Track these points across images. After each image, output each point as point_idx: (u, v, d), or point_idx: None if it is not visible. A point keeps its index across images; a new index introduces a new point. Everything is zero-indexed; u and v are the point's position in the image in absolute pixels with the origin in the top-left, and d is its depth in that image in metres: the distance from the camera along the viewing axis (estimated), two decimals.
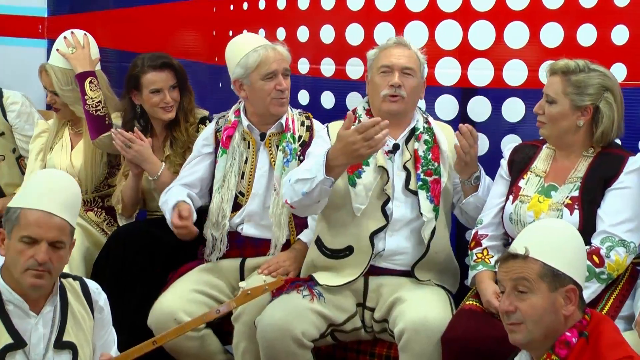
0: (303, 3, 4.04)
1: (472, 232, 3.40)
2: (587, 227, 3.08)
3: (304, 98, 4.08)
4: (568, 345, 2.52)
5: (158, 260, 3.79)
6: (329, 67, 4.01)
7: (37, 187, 2.80)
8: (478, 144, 3.39)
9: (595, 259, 3.02)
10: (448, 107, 3.74)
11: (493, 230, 3.33)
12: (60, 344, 2.75)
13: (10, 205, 2.76)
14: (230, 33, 4.33)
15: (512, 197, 3.26)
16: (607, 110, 3.12)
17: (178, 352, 3.59)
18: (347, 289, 3.41)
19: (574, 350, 2.51)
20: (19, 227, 2.68)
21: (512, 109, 3.62)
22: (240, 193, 3.74)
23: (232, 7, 4.40)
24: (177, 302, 3.55)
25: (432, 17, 3.70)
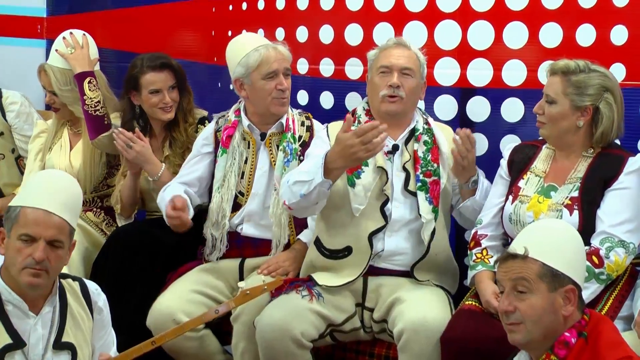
0: (302, 3, 4.03)
1: (471, 232, 3.40)
2: (586, 227, 3.08)
3: (303, 98, 4.08)
4: (567, 346, 2.52)
5: (157, 261, 3.79)
6: (328, 67, 4.01)
7: (38, 186, 2.80)
8: (476, 148, 3.38)
9: (595, 260, 3.02)
10: (447, 107, 3.74)
11: (492, 231, 3.32)
12: (59, 345, 2.75)
13: (11, 204, 2.76)
14: (230, 33, 4.33)
15: (511, 197, 3.26)
16: (607, 111, 3.12)
17: (177, 352, 3.59)
18: (346, 289, 3.41)
19: (573, 351, 2.51)
20: (18, 225, 2.68)
21: (511, 109, 3.62)
22: (240, 193, 3.74)
23: (231, 7, 4.39)
24: (176, 302, 3.55)
25: (431, 17, 3.70)
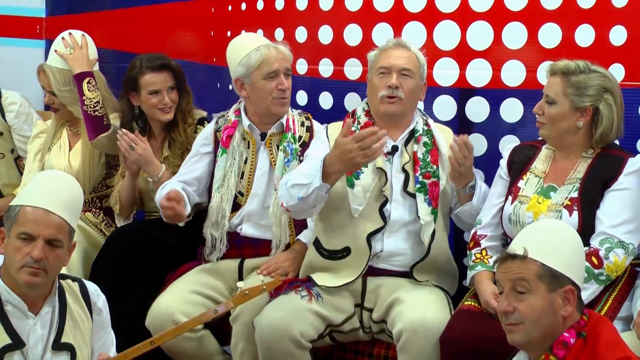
0: (301, 3, 4.03)
1: (470, 232, 3.39)
2: (586, 228, 3.08)
3: (302, 99, 4.08)
4: (566, 346, 2.52)
5: (157, 261, 3.78)
6: (327, 67, 4.00)
7: (38, 186, 2.81)
8: (474, 151, 3.37)
9: (594, 260, 3.02)
10: (446, 107, 3.73)
11: (492, 231, 3.32)
12: (59, 345, 2.75)
13: (12, 204, 2.77)
14: (229, 34, 4.33)
15: (511, 197, 3.26)
16: (606, 112, 3.12)
17: (176, 352, 3.58)
18: (345, 290, 3.41)
19: (572, 351, 2.51)
20: (17, 224, 2.69)
21: (510, 110, 3.62)
22: (240, 193, 3.74)
23: (230, 7, 4.39)
24: (175, 303, 3.55)
25: (430, 17, 3.70)
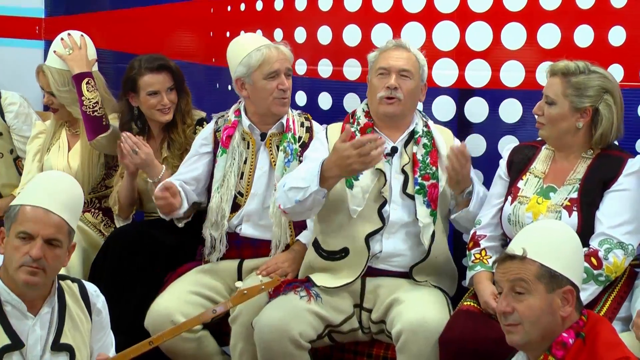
0: (300, 4, 4.03)
1: (470, 232, 3.39)
2: (585, 229, 3.08)
3: (302, 99, 4.08)
4: (565, 346, 2.52)
5: (156, 261, 3.79)
6: (326, 68, 4.00)
7: (39, 186, 2.81)
8: (470, 162, 3.35)
9: (594, 261, 3.02)
10: (445, 108, 3.73)
11: (491, 231, 3.32)
12: (58, 346, 2.74)
13: (12, 204, 2.77)
14: (228, 34, 4.33)
15: (510, 198, 3.26)
16: (606, 113, 3.12)
17: (175, 353, 3.58)
18: (344, 290, 3.41)
19: (571, 351, 2.51)
20: (17, 223, 2.69)
21: (509, 110, 3.62)
22: (239, 193, 3.73)
23: (229, 8, 4.39)
24: (174, 303, 3.54)
25: (429, 18, 3.70)
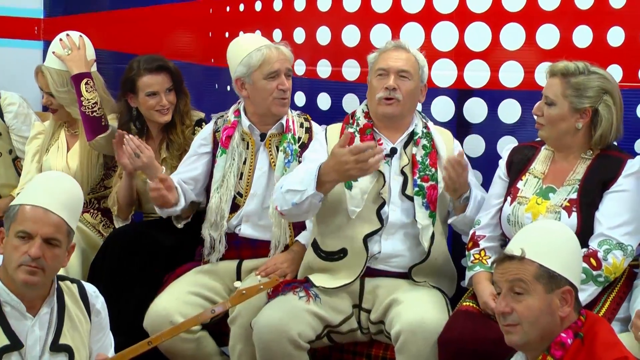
0: (299, 4, 4.03)
1: (469, 234, 3.39)
2: (585, 229, 3.07)
3: (300, 99, 4.08)
4: (563, 347, 2.52)
5: (155, 262, 3.79)
6: (325, 68, 4.00)
7: (39, 186, 2.82)
8: (468, 170, 3.34)
9: (593, 262, 3.02)
10: (444, 108, 3.74)
11: (491, 231, 3.32)
12: (57, 347, 2.74)
13: (12, 204, 2.77)
14: (227, 35, 4.33)
15: (510, 198, 3.25)
16: (606, 113, 3.12)
17: (174, 353, 3.58)
18: (343, 291, 3.41)
19: (569, 351, 2.51)
20: (16, 222, 2.69)
21: (508, 111, 3.62)
22: (239, 194, 3.73)
23: (228, 8, 4.39)
24: (173, 304, 3.54)
25: (428, 18, 3.70)
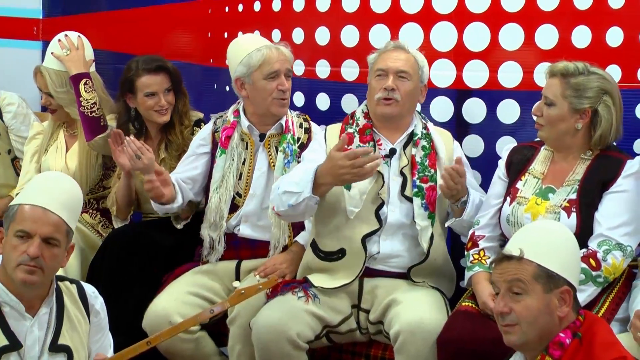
0: (298, 5, 4.03)
1: (468, 235, 3.39)
2: (584, 230, 3.07)
3: (299, 100, 4.08)
4: (562, 346, 2.52)
5: (154, 262, 3.79)
6: (324, 68, 4.00)
7: (38, 185, 2.82)
8: (466, 174, 3.32)
9: (592, 262, 3.02)
10: (443, 108, 3.74)
11: (490, 232, 3.32)
12: (56, 347, 2.74)
13: (11, 204, 2.77)
14: (226, 35, 4.33)
15: (509, 198, 3.25)
16: (605, 114, 3.11)
17: (173, 354, 3.58)
18: (342, 291, 3.41)
19: (568, 351, 2.51)
20: (15, 222, 2.69)
21: (507, 111, 3.62)
22: (238, 194, 3.73)
23: (227, 8, 4.39)
24: (172, 304, 3.54)
25: (427, 18, 3.70)
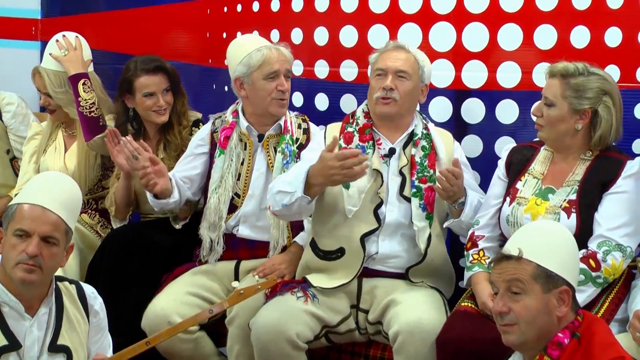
0: (297, 5, 4.03)
1: (466, 235, 3.39)
2: (584, 230, 3.07)
3: (298, 100, 4.08)
4: (560, 346, 2.52)
5: (153, 262, 3.79)
6: (323, 69, 4.00)
7: (37, 185, 2.83)
8: (463, 177, 3.31)
9: (592, 263, 3.02)
10: (442, 109, 3.74)
11: (490, 232, 3.31)
12: (55, 347, 2.74)
13: (11, 203, 2.77)
14: (224, 35, 4.33)
15: (509, 198, 3.25)
16: (605, 114, 3.11)
17: (172, 354, 3.58)
18: (340, 291, 3.41)
19: (566, 351, 2.51)
20: (14, 221, 2.69)
21: (506, 111, 3.62)
22: (236, 194, 3.73)
23: (225, 9, 4.39)
24: (171, 304, 3.54)
25: (426, 19, 3.70)
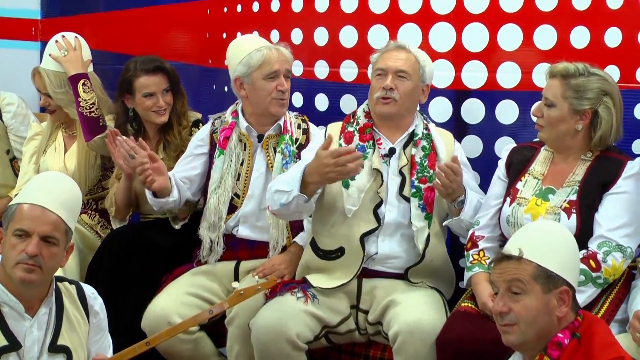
0: (297, 5, 4.03)
1: (466, 236, 3.39)
2: (584, 231, 3.07)
3: (298, 100, 4.08)
4: (560, 347, 2.52)
5: (153, 263, 3.79)
6: (323, 69, 4.00)
7: (37, 185, 2.83)
8: (462, 174, 3.31)
9: (592, 264, 3.02)
10: (442, 109, 3.74)
11: (490, 232, 3.31)
12: (55, 348, 2.74)
13: (11, 203, 2.78)
14: (224, 35, 4.33)
15: (509, 199, 3.25)
16: (605, 115, 3.11)
17: (172, 354, 3.58)
18: (340, 291, 3.41)
19: (566, 352, 2.52)
20: (14, 221, 2.69)
21: (506, 112, 3.62)
22: (236, 195, 3.73)
23: (225, 9, 4.39)
24: (170, 304, 3.54)
25: (425, 19, 3.70)
